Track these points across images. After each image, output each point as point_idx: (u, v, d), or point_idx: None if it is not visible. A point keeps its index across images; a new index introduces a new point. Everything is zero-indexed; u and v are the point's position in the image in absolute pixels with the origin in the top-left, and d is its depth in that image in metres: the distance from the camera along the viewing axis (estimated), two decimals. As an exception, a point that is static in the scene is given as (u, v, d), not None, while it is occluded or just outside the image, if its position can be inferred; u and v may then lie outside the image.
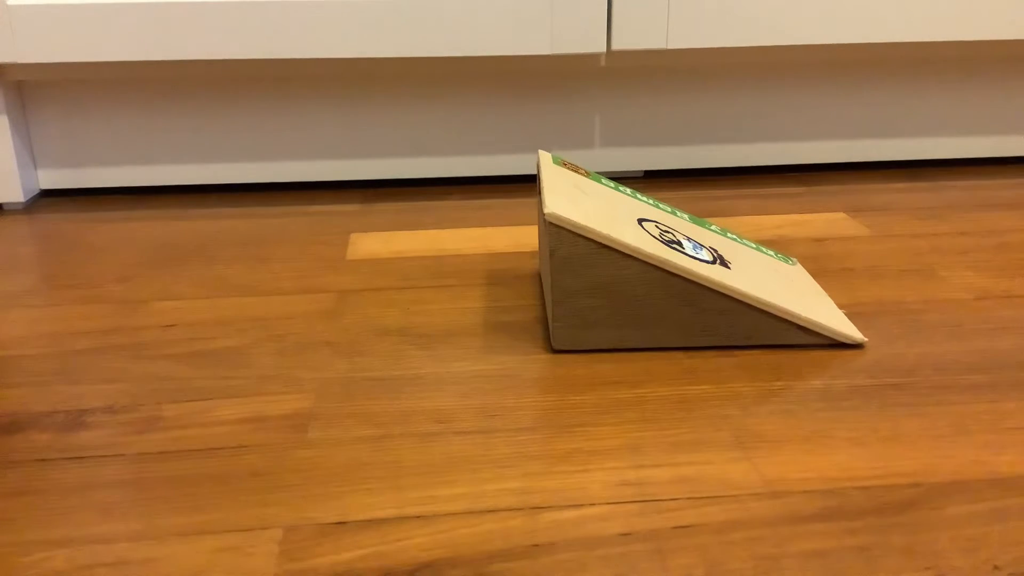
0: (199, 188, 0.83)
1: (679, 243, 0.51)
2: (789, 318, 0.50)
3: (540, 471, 0.40)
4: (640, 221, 0.52)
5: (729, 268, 0.51)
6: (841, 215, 0.73)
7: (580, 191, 0.52)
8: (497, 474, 0.39)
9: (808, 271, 0.61)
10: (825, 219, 0.72)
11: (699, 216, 0.71)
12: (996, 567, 0.33)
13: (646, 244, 0.48)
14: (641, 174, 0.85)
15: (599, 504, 0.37)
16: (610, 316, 0.49)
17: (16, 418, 0.44)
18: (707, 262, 0.50)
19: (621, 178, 0.85)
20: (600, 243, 0.48)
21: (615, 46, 0.74)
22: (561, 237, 0.48)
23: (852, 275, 0.61)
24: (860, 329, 0.52)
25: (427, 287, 0.59)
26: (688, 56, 0.79)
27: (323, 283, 0.60)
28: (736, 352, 0.50)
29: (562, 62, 0.78)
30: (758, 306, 0.49)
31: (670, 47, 0.75)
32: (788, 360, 0.49)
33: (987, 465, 0.40)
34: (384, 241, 0.68)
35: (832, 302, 0.54)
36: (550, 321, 0.50)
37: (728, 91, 0.82)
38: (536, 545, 0.35)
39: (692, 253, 0.50)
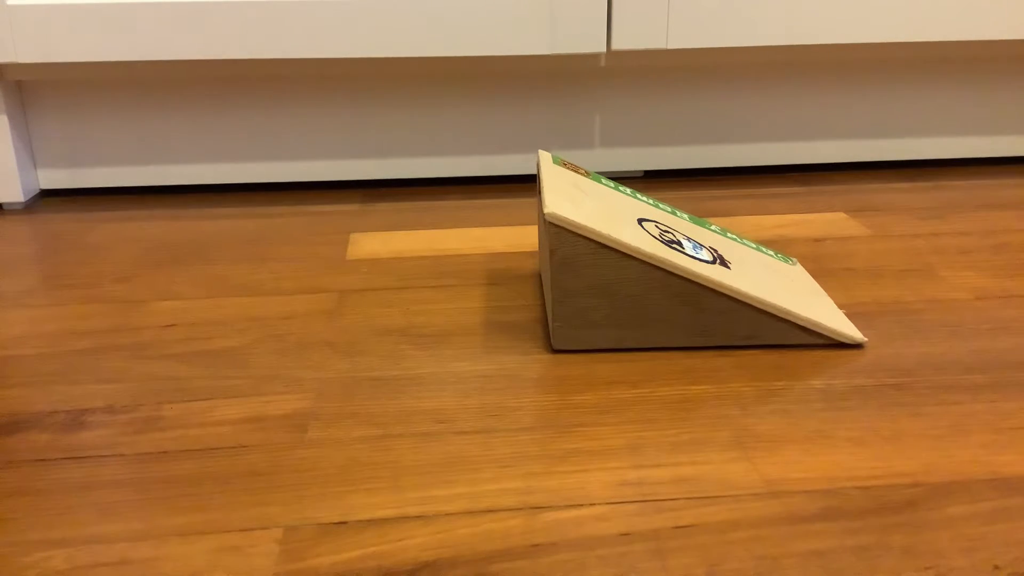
0: (199, 188, 0.83)
1: (679, 243, 0.51)
2: (789, 318, 0.50)
3: (540, 471, 0.40)
4: (640, 221, 0.52)
5: (729, 268, 0.51)
6: (841, 215, 0.73)
7: (580, 191, 0.52)
8: (497, 474, 0.39)
9: (808, 271, 0.61)
10: (825, 219, 0.72)
11: (699, 216, 0.71)
12: (996, 567, 0.33)
13: (646, 244, 0.48)
14: (641, 174, 0.85)
15: (599, 504, 0.37)
16: (610, 316, 0.49)
17: (16, 418, 0.45)
18: (707, 262, 0.50)
19: (621, 178, 0.85)
20: (600, 243, 0.48)
21: (615, 46, 0.74)
22: (561, 237, 0.48)
23: (852, 275, 0.61)
24: (860, 329, 0.52)
25: (427, 287, 0.59)
26: (688, 56, 0.79)
27: (323, 283, 0.60)
28: (736, 352, 0.50)
29: (562, 62, 0.78)
30: (758, 306, 0.49)
31: (670, 47, 0.75)
32: (788, 360, 0.49)
33: (987, 465, 0.40)
34: (384, 241, 0.68)
35: (832, 302, 0.54)
36: (550, 321, 0.50)
37: (728, 91, 0.82)
38: (536, 545, 0.35)
39: (692, 253, 0.50)
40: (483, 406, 0.45)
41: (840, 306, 0.56)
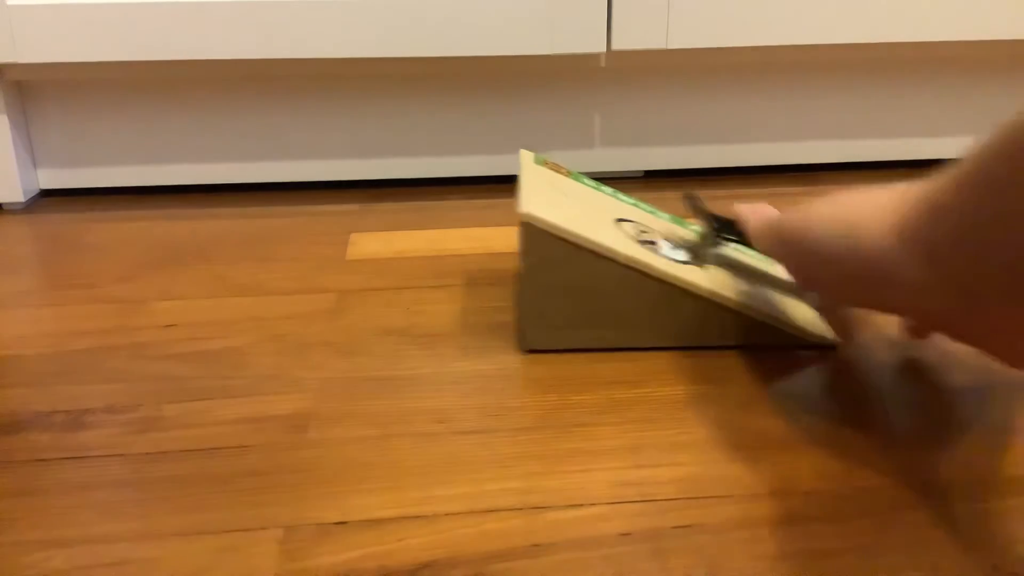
0: (199, 188, 0.83)
1: (655, 243, 0.51)
2: (763, 319, 0.49)
3: (540, 471, 0.40)
4: (618, 221, 0.52)
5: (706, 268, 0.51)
6: (841, 215, 0.73)
7: (558, 191, 0.52)
8: (497, 474, 0.39)
9: (808, 271, 0.60)
10: (825, 219, 0.72)
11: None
12: (995, 567, 0.34)
13: (621, 245, 0.48)
14: (641, 174, 0.85)
15: (599, 504, 0.37)
16: (585, 316, 0.49)
17: (16, 418, 0.45)
18: (683, 263, 0.50)
19: (621, 178, 0.85)
20: (574, 244, 0.47)
21: (615, 46, 0.74)
22: (535, 237, 0.47)
23: (852, 275, 0.61)
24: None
25: (427, 287, 0.59)
26: (688, 56, 0.79)
27: (323, 283, 0.60)
28: (736, 352, 0.50)
29: (562, 62, 0.78)
30: (731, 307, 0.49)
31: (670, 47, 0.75)
32: (788, 360, 0.49)
33: (987, 465, 0.40)
34: (384, 241, 0.68)
35: None
36: (523, 321, 0.50)
37: (728, 91, 0.82)
38: (536, 545, 0.35)
39: (668, 253, 0.50)
40: (483, 406, 0.45)
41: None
